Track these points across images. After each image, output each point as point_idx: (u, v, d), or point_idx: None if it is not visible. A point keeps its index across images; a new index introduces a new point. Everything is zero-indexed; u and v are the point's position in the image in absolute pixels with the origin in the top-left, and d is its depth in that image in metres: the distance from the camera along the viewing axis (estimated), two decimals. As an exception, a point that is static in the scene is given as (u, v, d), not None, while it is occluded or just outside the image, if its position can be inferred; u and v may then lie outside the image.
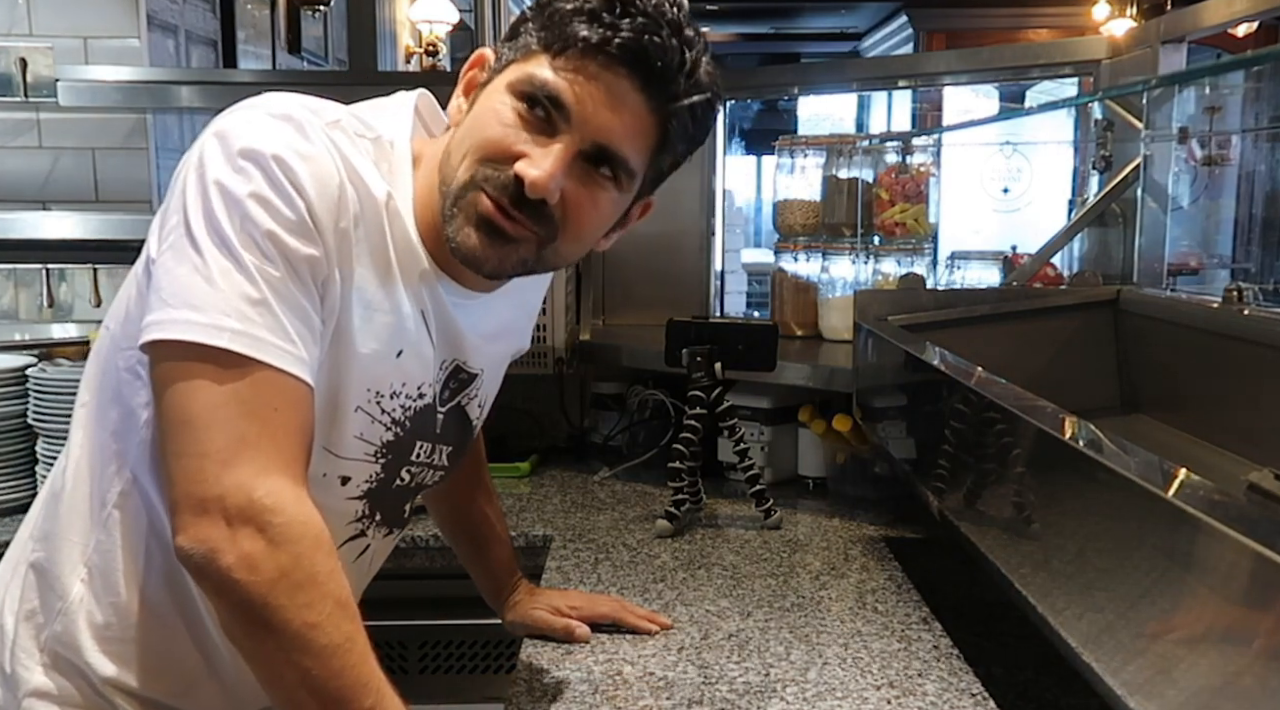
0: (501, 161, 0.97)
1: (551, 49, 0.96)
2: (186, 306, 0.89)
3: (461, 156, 0.99)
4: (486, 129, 0.98)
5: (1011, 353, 1.86)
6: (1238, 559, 0.67)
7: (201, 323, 0.89)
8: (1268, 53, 1.71)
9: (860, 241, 2.27)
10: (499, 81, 0.99)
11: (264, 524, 0.88)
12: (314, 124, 0.96)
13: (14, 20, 2.47)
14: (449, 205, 0.99)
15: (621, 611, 1.43)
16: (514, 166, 0.96)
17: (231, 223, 0.90)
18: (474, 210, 0.98)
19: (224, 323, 0.89)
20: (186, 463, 0.89)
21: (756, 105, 7.50)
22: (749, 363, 1.90)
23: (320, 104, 1.01)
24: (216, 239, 0.90)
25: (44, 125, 2.48)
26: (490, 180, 0.97)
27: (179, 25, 2.75)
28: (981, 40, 6.59)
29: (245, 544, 0.87)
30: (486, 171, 0.97)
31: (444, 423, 1.15)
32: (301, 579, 0.88)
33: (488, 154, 0.97)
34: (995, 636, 1.45)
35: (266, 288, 0.90)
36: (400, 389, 1.06)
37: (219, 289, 0.89)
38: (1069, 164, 3.01)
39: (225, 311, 0.89)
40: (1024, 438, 1.07)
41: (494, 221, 0.98)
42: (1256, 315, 1.60)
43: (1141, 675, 0.82)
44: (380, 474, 1.09)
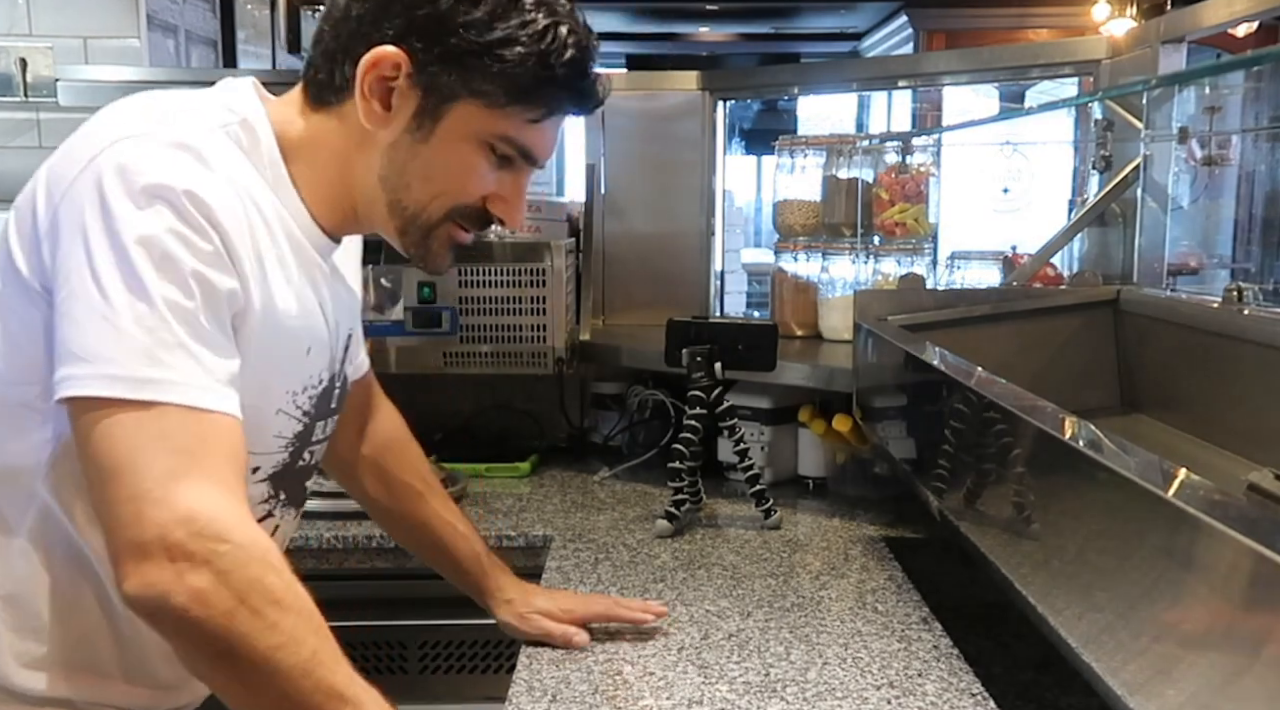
0: (474, 203, 1.08)
1: (529, 113, 1.04)
2: (100, 360, 0.88)
3: (431, 196, 1.06)
4: (457, 183, 1.06)
5: (1011, 353, 1.86)
6: (1238, 559, 0.67)
7: (117, 375, 0.88)
8: (1268, 53, 1.71)
9: (860, 241, 2.27)
10: (460, 125, 1.03)
11: (209, 555, 0.86)
12: (208, 146, 0.96)
13: (14, 20, 2.47)
14: (417, 235, 1.08)
15: (615, 608, 1.42)
16: (487, 206, 1.08)
17: (146, 263, 0.88)
18: (453, 241, 1.10)
19: (140, 373, 0.88)
20: (120, 509, 0.87)
21: (756, 105, 7.49)
22: (749, 363, 1.90)
23: (183, 104, 1.03)
24: (126, 282, 0.88)
25: (44, 125, 2.48)
26: (464, 216, 1.08)
27: (179, 25, 2.75)
28: (981, 40, 6.59)
29: (193, 580, 0.85)
30: (462, 212, 1.08)
31: (339, 394, 1.20)
32: (258, 603, 0.87)
33: (464, 200, 1.07)
34: (995, 636, 1.45)
35: (181, 328, 0.90)
36: (310, 383, 1.10)
37: (130, 336, 0.88)
38: (1069, 164, 3.01)
39: (140, 360, 0.88)
40: (1024, 438, 1.07)
41: (462, 243, 1.11)
42: (1256, 315, 1.60)
43: (1141, 675, 0.82)
44: (286, 459, 1.12)
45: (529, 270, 2.18)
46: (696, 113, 2.55)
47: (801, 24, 8.59)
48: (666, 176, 2.56)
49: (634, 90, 2.61)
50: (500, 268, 2.19)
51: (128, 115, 0.98)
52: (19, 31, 2.47)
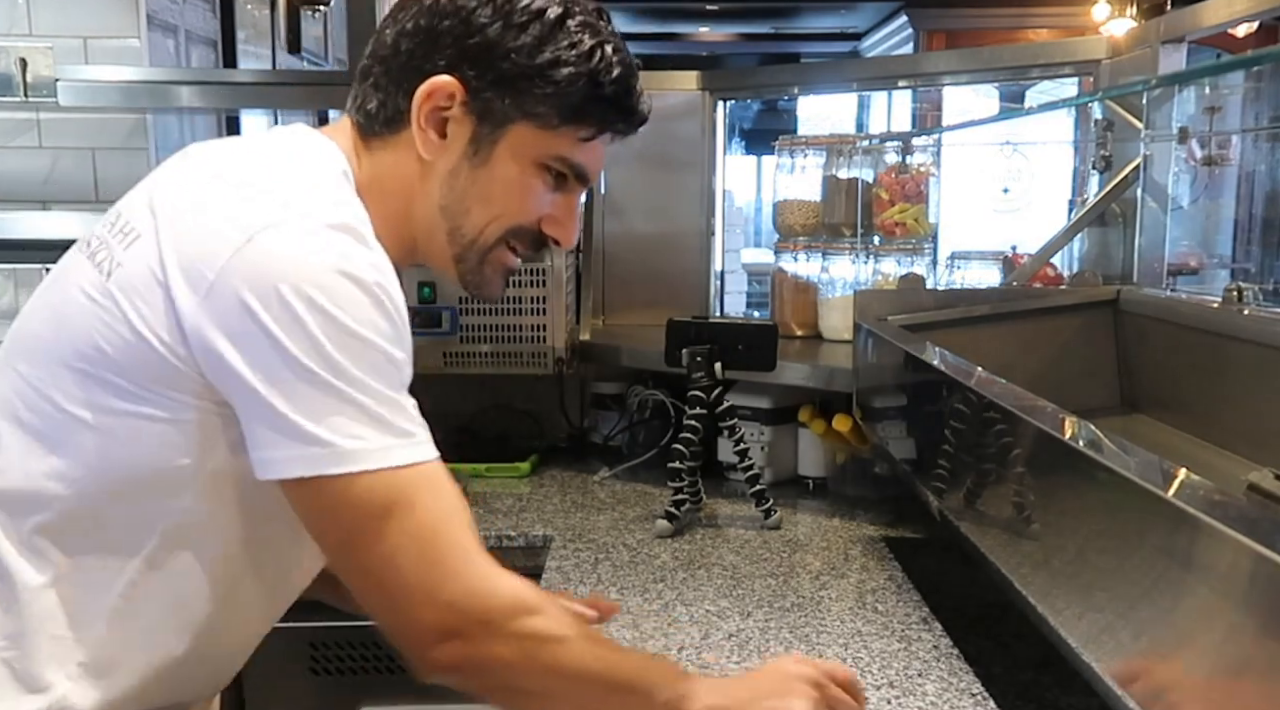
0: (529, 225, 1.09)
1: (580, 132, 1.06)
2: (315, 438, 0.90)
3: (489, 219, 1.06)
4: (517, 203, 1.07)
5: (1011, 353, 1.86)
6: (1238, 559, 0.67)
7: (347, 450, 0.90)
8: (1268, 53, 1.71)
9: (860, 241, 2.27)
10: (518, 147, 1.05)
11: (483, 627, 0.94)
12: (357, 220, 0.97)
13: (14, 20, 2.47)
14: (472, 261, 1.09)
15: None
16: (543, 228, 1.09)
17: (348, 349, 0.91)
18: (505, 266, 1.11)
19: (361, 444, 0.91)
20: (395, 607, 0.94)
21: (756, 105, 7.50)
22: (749, 363, 1.90)
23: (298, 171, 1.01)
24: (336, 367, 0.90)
25: (44, 125, 2.48)
26: (519, 237, 1.09)
27: (179, 25, 2.75)
28: (981, 40, 6.59)
29: (478, 650, 0.94)
30: (516, 233, 1.09)
31: None
32: (535, 648, 0.95)
33: (520, 222, 1.08)
34: (995, 636, 1.45)
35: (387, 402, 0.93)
36: None
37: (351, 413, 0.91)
38: (1069, 164, 3.01)
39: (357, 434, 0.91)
40: (1024, 438, 1.07)
41: (514, 268, 1.12)
42: (1256, 315, 1.60)
43: (1141, 675, 0.82)
44: None
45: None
46: (696, 113, 2.55)
47: (801, 24, 8.60)
48: (666, 176, 2.56)
49: (634, 90, 2.61)
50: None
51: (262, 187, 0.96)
52: (19, 31, 2.47)
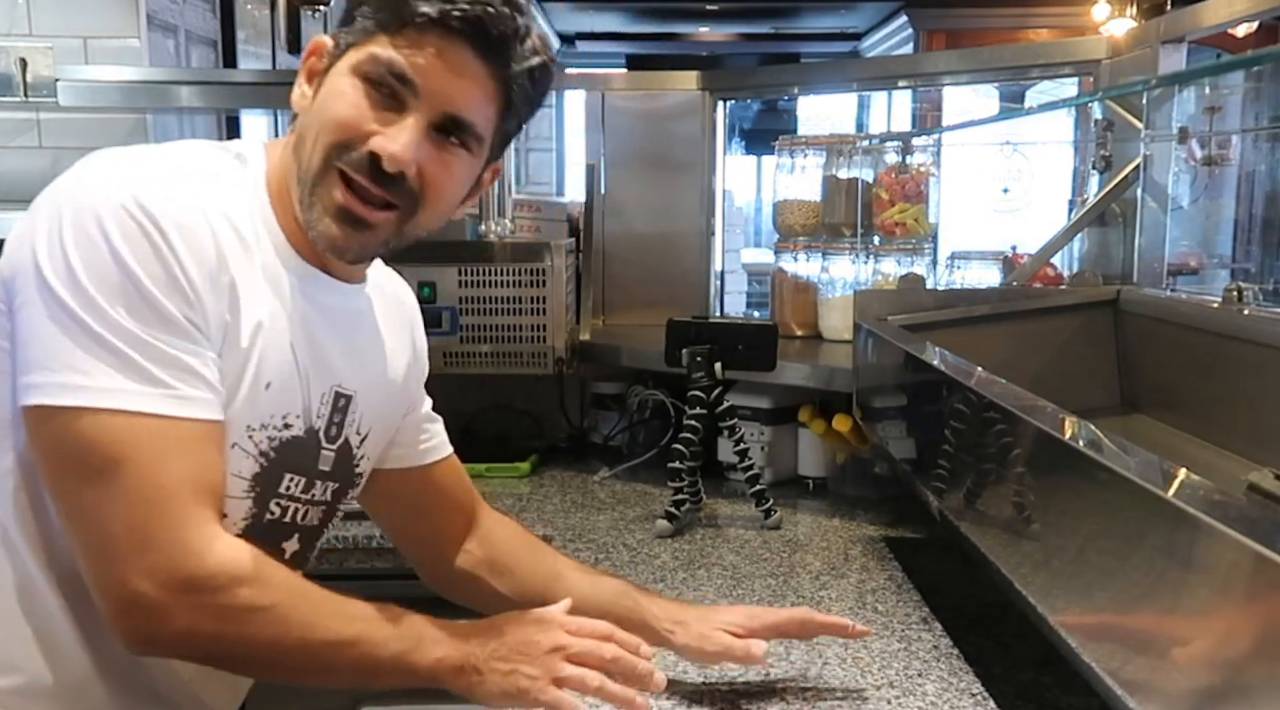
0: (355, 141, 1.00)
1: (390, 28, 1.00)
2: (68, 369, 0.91)
3: (313, 140, 1.01)
4: (335, 111, 1.01)
5: (1011, 353, 1.86)
6: (1238, 559, 0.67)
7: (88, 387, 0.91)
8: (1268, 53, 1.71)
9: (860, 241, 2.27)
10: (341, 65, 1.02)
11: (181, 599, 0.92)
12: (181, 173, 0.99)
13: (14, 20, 2.47)
14: (306, 193, 1.02)
15: (807, 613, 1.28)
16: (369, 143, 1.00)
17: (105, 285, 0.91)
18: (330, 200, 1.01)
19: (106, 384, 0.91)
20: (94, 565, 0.94)
21: (756, 105, 7.49)
22: (749, 363, 1.90)
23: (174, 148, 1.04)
24: (76, 297, 0.91)
25: (44, 125, 2.48)
26: (347, 160, 1.00)
27: (179, 25, 2.75)
28: (981, 40, 6.58)
29: (175, 623, 0.92)
30: (341, 152, 1.00)
31: (335, 460, 1.14)
32: (241, 618, 0.94)
33: (340, 136, 1.00)
34: (995, 636, 1.45)
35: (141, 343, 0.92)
36: (268, 421, 1.05)
37: (93, 350, 0.91)
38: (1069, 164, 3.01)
39: (105, 373, 0.91)
40: (1024, 438, 1.07)
41: (352, 211, 1.02)
42: (1256, 315, 1.60)
43: (1142, 675, 0.82)
44: (253, 510, 1.07)
45: (529, 270, 2.18)
46: (696, 113, 2.55)
47: (801, 24, 8.59)
48: (666, 176, 2.56)
49: (634, 90, 2.61)
50: (500, 268, 2.19)
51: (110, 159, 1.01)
52: (19, 31, 2.47)
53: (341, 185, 1.01)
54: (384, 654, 0.99)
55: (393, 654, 0.99)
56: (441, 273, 2.17)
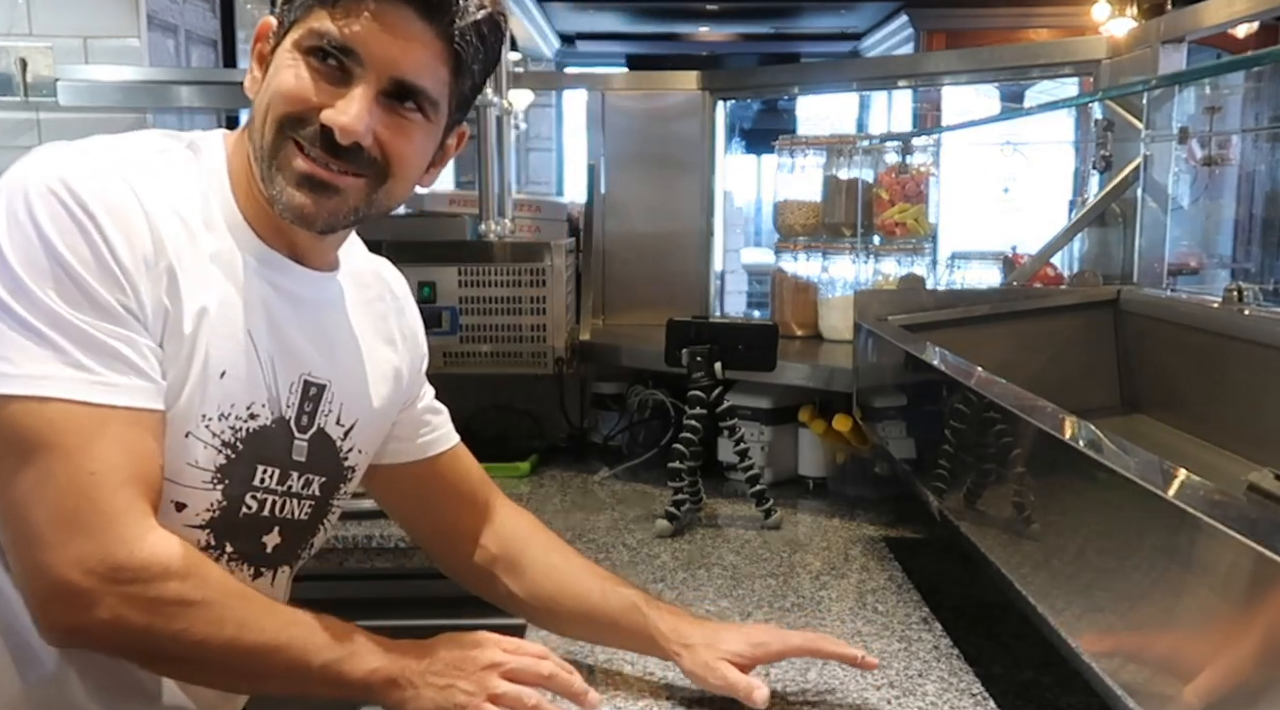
0: (305, 114, 0.99)
1: (326, 1, 0.98)
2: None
3: (263, 116, 1.00)
4: (281, 86, 0.99)
5: (1011, 353, 1.86)
6: (1238, 559, 0.67)
7: (12, 374, 0.90)
8: (1268, 53, 1.71)
9: (860, 241, 2.27)
10: (285, 43, 1.00)
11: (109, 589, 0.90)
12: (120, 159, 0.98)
13: (14, 20, 2.47)
14: (265, 167, 1.00)
15: (818, 641, 1.23)
16: (320, 117, 0.98)
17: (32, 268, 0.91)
18: (291, 169, 1.00)
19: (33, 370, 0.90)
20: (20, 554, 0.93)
21: (756, 105, 7.49)
22: (749, 363, 1.90)
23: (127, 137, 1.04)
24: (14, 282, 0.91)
25: (44, 125, 2.48)
26: (300, 134, 0.99)
27: (179, 25, 2.75)
28: (981, 40, 6.58)
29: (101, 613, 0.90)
30: (294, 125, 0.99)
31: (310, 449, 1.11)
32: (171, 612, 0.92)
33: (289, 109, 0.99)
34: (995, 636, 1.45)
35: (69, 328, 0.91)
36: (229, 410, 1.03)
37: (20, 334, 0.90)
38: (1069, 164, 3.01)
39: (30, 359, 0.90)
40: (1024, 438, 1.07)
41: (315, 176, 1.00)
42: (1256, 315, 1.60)
43: (1141, 675, 0.82)
44: (222, 502, 1.05)
45: (529, 270, 2.18)
46: (696, 113, 2.55)
47: (801, 24, 8.59)
48: (666, 176, 2.56)
49: (634, 90, 2.61)
50: (500, 268, 2.19)
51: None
52: (19, 31, 2.47)
53: (300, 154, 1.00)
54: (315, 661, 0.97)
55: (324, 662, 0.97)
56: (441, 273, 2.17)
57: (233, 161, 1.06)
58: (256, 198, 1.04)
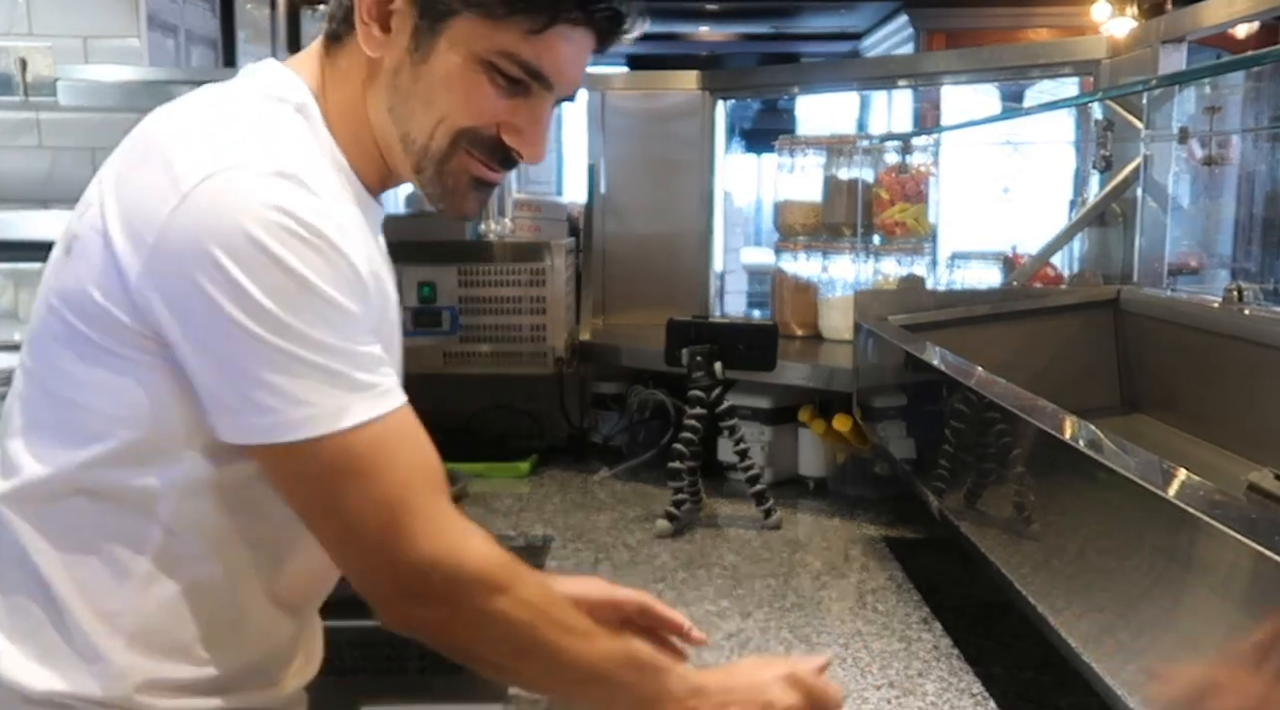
0: (483, 128, 0.99)
1: (530, 23, 0.95)
2: (288, 403, 0.89)
3: (433, 122, 0.98)
4: (459, 106, 0.97)
5: (1011, 353, 1.86)
6: (1238, 559, 0.67)
7: (313, 415, 0.89)
8: (1268, 53, 1.70)
9: (860, 241, 2.27)
10: (457, 44, 0.96)
11: (448, 596, 0.93)
12: (305, 165, 0.93)
13: (14, 20, 2.47)
14: (431, 170, 1.00)
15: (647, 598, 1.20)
16: (502, 136, 0.99)
17: (293, 304, 0.88)
18: (467, 176, 1.00)
19: (322, 407, 0.89)
20: (359, 558, 0.94)
21: (756, 105, 7.48)
22: (749, 363, 1.90)
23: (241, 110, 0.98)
24: (274, 325, 0.88)
25: (44, 125, 2.48)
26: (476, 144, 0.99)
27: (179, 25, 2.75)
28: (981, 40, 6.58)
29: (435, 615, 0.94)
30: (470, 138, 0.99)
31: None
32: (500, 630, 0.95)
33: (469, 123, 0.98)
34: (995, 636, 1.45)
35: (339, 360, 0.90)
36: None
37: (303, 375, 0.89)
38: (1069, 164, 3.01)
39: (316, 394, 0.89)
40: (1024, 438, 1.07)
41: (488, 181, 1.02)
42: (1256, 315, 1.60)
43: (1141, 675, 0.82)
44: None
45: (529, 270, 2.18)
46: (696, 113, 2.55)
47: (801, 24, 8.59)
48: (666, 176, 2.56)
49: (634, 90, 2.61)
50: (500, 268, 2.19)
51: (201, 138, 0.94)
52: (19, 31, 2.47)
53: (473, 161, 1.00)
54: (622, 700, 1.00)
55: (632, 702, 1.00)
56: (441, 272, 2.17)
57: (337, 115, 1.02)
58: (363, 146, 1.02)
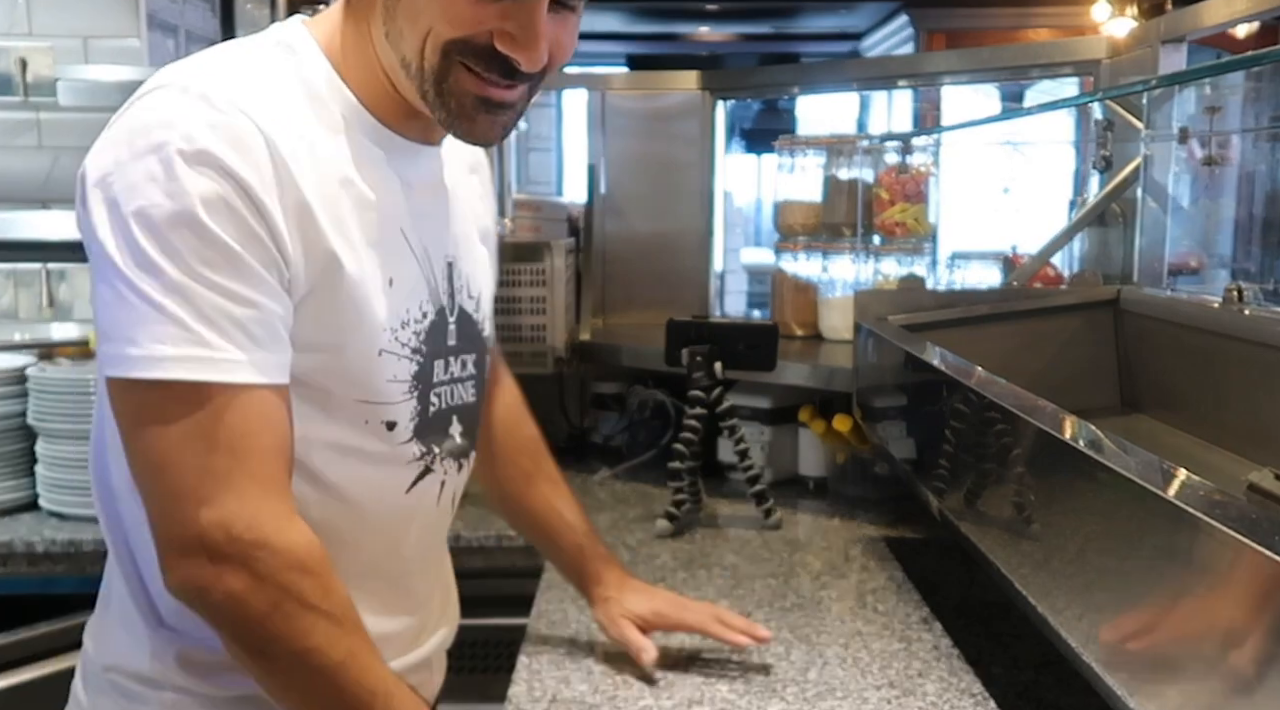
0: (476, 37, 0.92)
1: None
2: (124, 340, 0.87)
3: (420, 38, 0.92)
4: (442, 17, 0.92)
5: (1011, 353, 1.86)
6: (1238, 559, 0.67)
7: (139, 356, 0.86)
8: (1268, 53, 1.70)
9: (860, 241, 2.27)
10: None
11: (247, 558, 0.87)
12: (219, 84, 0.90)
13: (14, 20, 2.47)
14: (431, 91, 0.94)
15: (712, 625, 1.31)
16: (496, 45, 0.92)
17: (155, 237, 0.85)
18: (465, 93, 0.94)
19: (158, 351, 0.86)
20: (162, 505, 0.89)
21: (756, 105, 7.49)
22: (749, 363, 1.90)
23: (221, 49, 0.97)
24: (135, 258, 0.86)
25: (44, 125, 2.48)
26: (469, 55, 0.93)
27: (179, 25, 2.75)
28: (981, 40, 6.58)
29: (231, 581, 0.87)
30: (463, 48, 0.93)
31: (458, 330, 1.10)
32: (292, 609, 0.89)
33: (459, 32, 0.92)
34: (995, 636, 1.45)
35: (204, 300, 0.86)
36: (407, 317, 1.02)
37: (150, 315, 0.86)
38: (1069, 164, 3.01)
39: (159, 338, 0.86)
40: (1024, 438, 1.07)
41: (493, 98, 0.95)
42: (1256, 315, 1.60)
43: (1141, 675, 0.82)
44: (419, 408, 1.05)
45: (529, 270, 2.18)
46: (696, 113, 2.55)
47: (801, 24, 8.59)
48: (666, 176, 2.56)
49: (634, 90, 2.61)
50: (500, 268, 2.18)
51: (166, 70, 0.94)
52: (19, 31, 2.47)
53: (474, 78, 0.94)
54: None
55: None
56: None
57: (338, 51, 0.99)
58: (379, 84, 0.98)
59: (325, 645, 0.89)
